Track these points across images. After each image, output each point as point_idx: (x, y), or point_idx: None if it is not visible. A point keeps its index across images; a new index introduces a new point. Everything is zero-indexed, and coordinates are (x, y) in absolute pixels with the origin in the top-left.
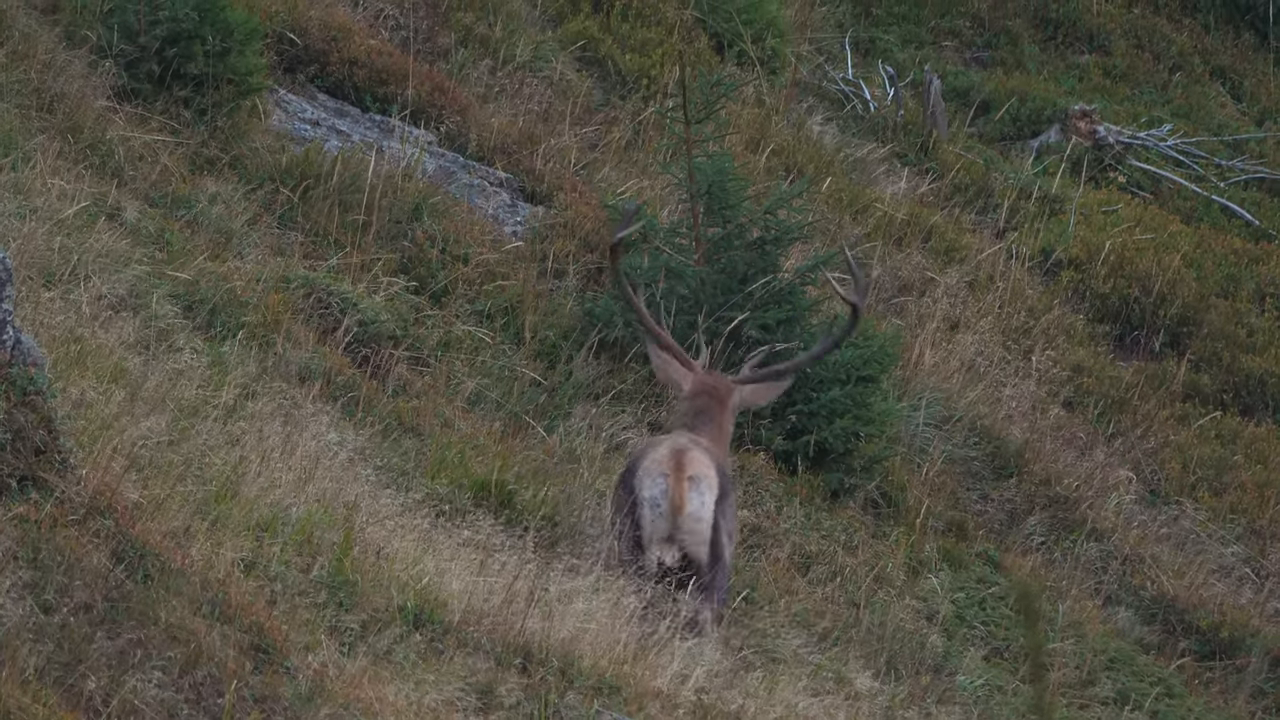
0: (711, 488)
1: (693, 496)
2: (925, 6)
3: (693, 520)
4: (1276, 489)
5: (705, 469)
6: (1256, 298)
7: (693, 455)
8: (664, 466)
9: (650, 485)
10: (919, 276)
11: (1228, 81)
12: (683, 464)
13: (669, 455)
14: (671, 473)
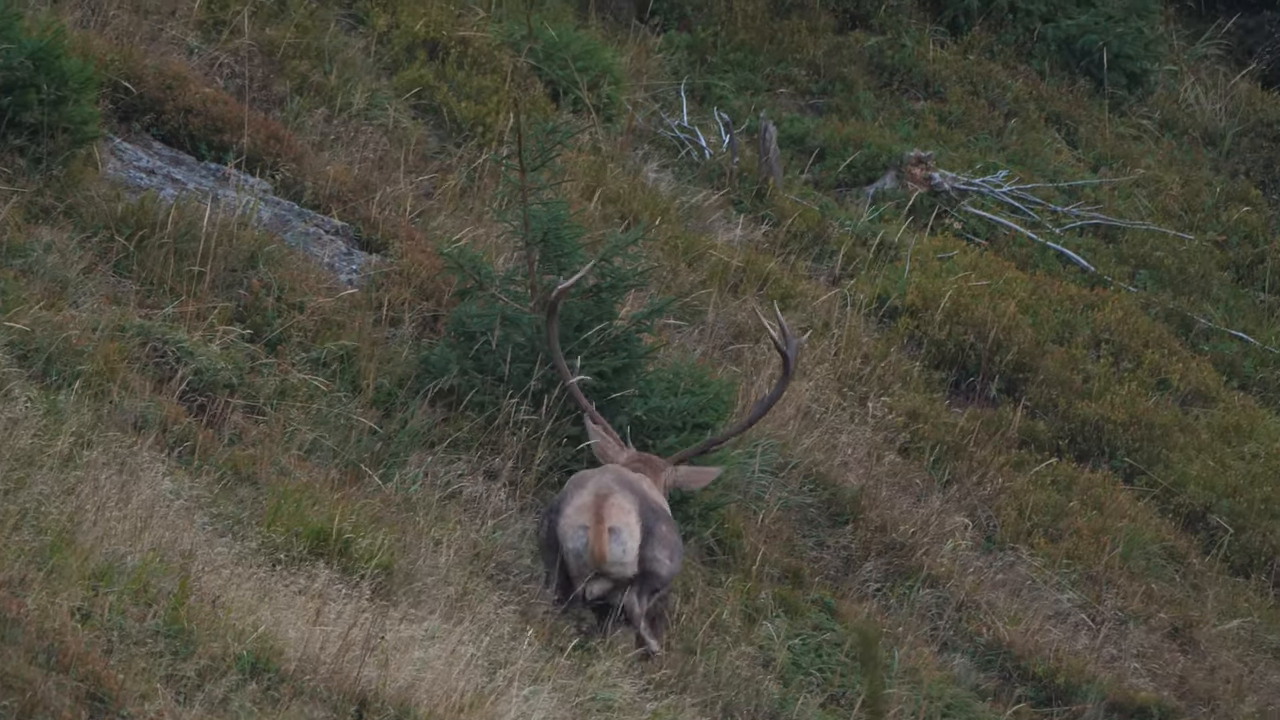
0: (633, 534)
1: (614, 547)
2: (760, 54)
3: (616, 566)
4: (1112, 535)
5: (625, 516)
6: (1092, 344)
7: (613, 502)
8: (584, 518)
9: (573, 538)
10: (754, 323)
11: (1063, 128)
12: (602, 514)
13: (591, 503)
14: (591, 525)
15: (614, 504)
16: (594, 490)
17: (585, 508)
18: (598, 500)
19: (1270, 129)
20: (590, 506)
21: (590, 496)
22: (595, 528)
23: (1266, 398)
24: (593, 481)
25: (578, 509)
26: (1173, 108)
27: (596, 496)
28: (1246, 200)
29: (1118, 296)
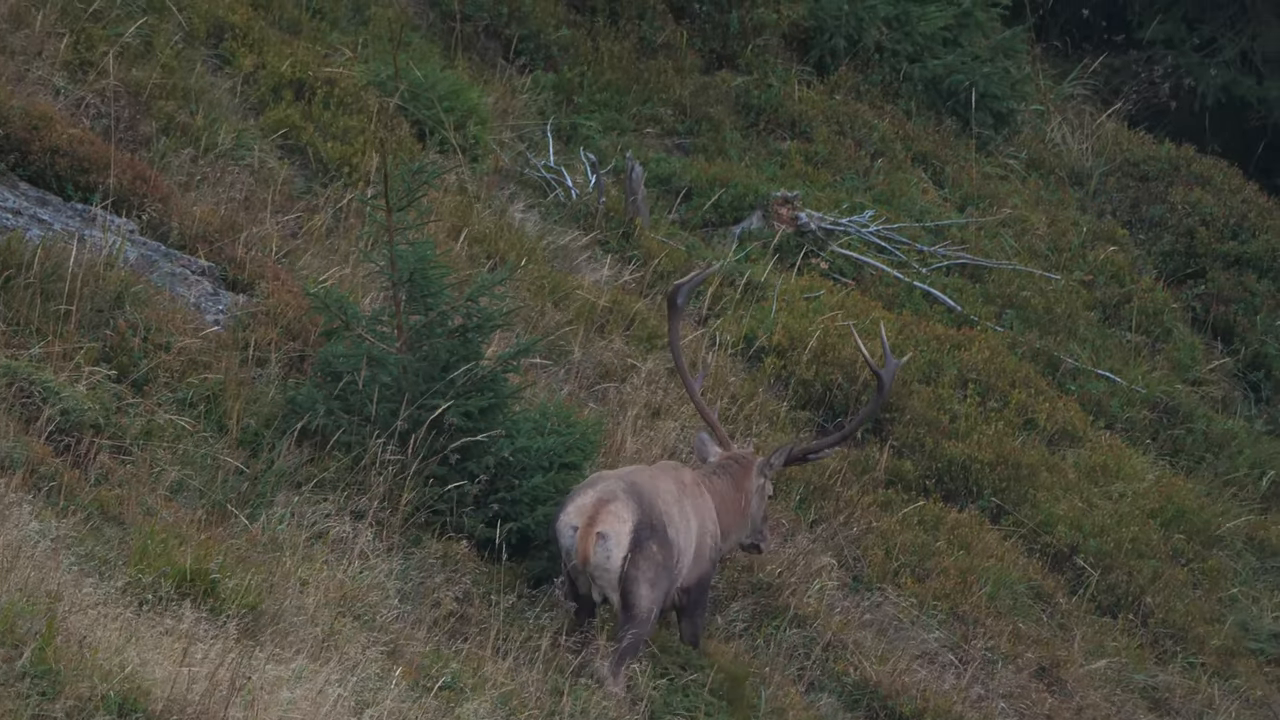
0: (620, 544)
1: (598, 550)
2: (627, 94)
3: (599, 570)
4: (979, 575)
5: (617, 524)
6: (958, 384)
7: (611, 509)
8: (577, 519)
9: (564, 535)
10: (621, 364)
11: (930, 167)
12: (595, 518)
13: (591, 505)
14: (581, 527)
15: (610, 510)
16: (598, 493)
17: (583, 509)
18: (597, 504)
19: (1137, 168)
20: (588, 509)
21: (592, 499)
22: (584, 530)
23: (1133, 437)
24: (603, 484)
25: (577, 508)
26: (1039, 147)
27: (598, 500)
28: (1113, 240)
29: (984, 336)
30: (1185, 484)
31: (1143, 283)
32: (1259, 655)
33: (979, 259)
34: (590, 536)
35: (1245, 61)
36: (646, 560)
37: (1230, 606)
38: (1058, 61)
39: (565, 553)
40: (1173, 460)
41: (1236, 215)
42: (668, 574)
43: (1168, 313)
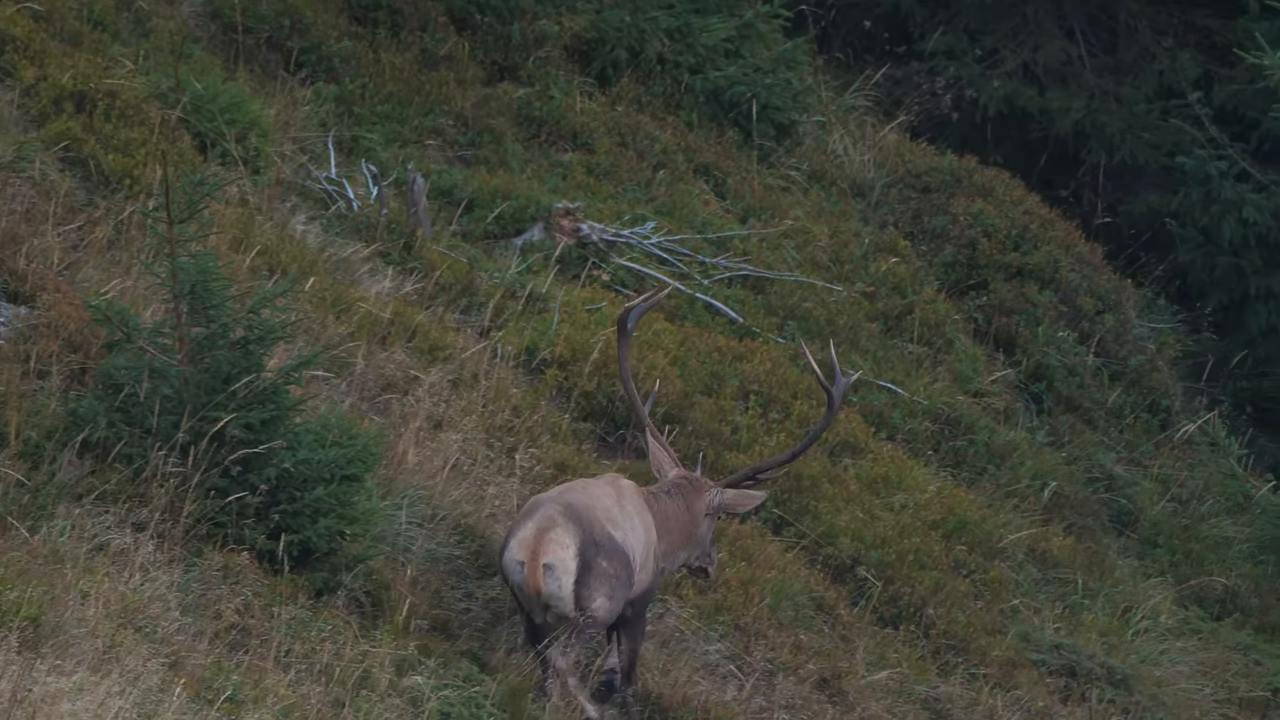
0: (568, 571)
1: (548, 581)
2: (409, 106)
3: (554, 599)
4: (761, 586)
5: (561, 552)
6: (740, 395)
7: (553, 537)
8: (522, 554)
9: (513, 572)
10: (403, 376)
11: (711, 179)
12: (538, 551)
13: (532, 536)
14: (527, 560)
15: (552, 539)
16: (537, 524)
17: (525, 542)
18: (538, 535)
19: (919, 180)
20: (530, 541)
21: (532, 530)
22: (530, 564)
23: (914, 449)
24: (540, 512)
25: (519, 543)
26: (821, 159)
27: (538, 531)
28: (895, 251)
29: (766, 348)
30: (967, 495)
31: (924, 294)
32: (1040, 666)
33: (761, 270)
34: (538, 570)
35: (1027, 73)
36: (598, 577)
37: (1012, 618)
38: (839, 73)
39: (517, 589)
40: (954, 472)
41: (1018, 227)
42: (624, 582)
43: (949, 324)
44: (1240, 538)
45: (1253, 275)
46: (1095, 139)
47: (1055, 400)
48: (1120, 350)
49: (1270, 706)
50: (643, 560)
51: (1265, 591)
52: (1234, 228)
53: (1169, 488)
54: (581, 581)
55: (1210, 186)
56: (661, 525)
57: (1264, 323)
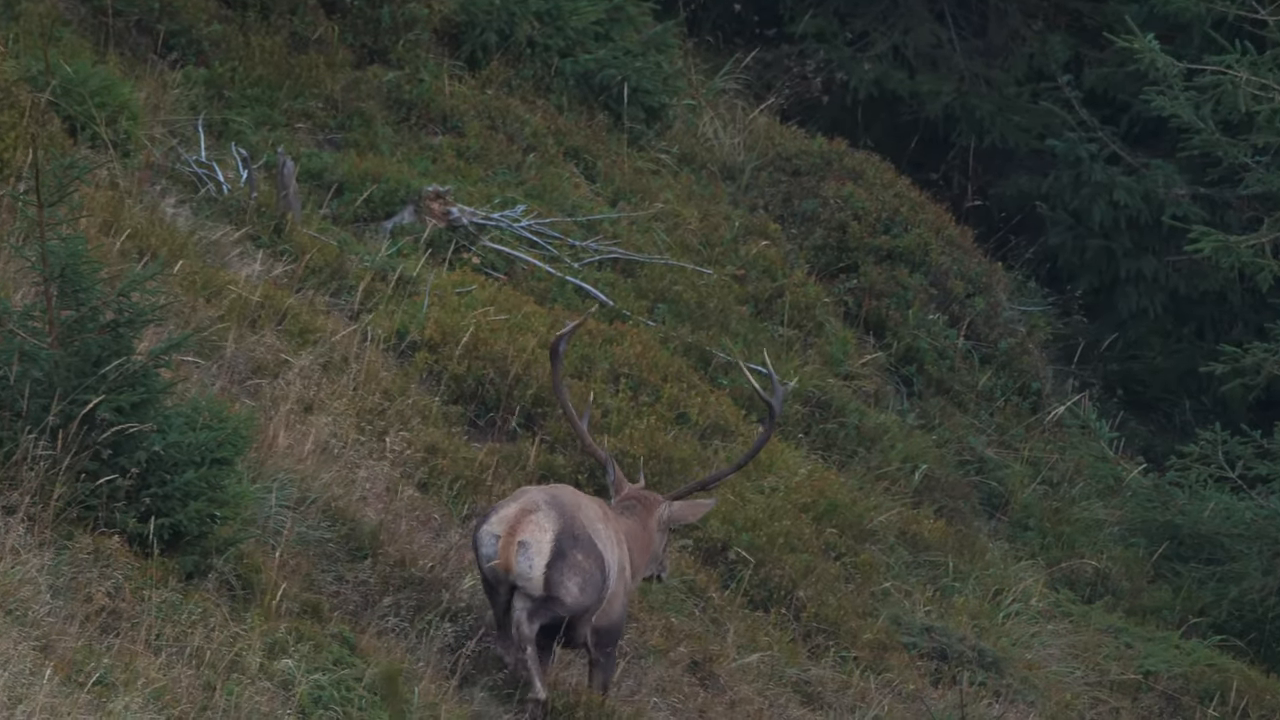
0: (541, 552)
1: (520, 560)
2: (279, 89)
3: (523, 579)
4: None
5: (538, 534)
6: (611, 378)
7: (533, 519)
8: (499, 528)
9: (485, 544)
10: (273, 359)
11: (581, 162)
12: (516, 528)
13: (514, 515)
14: (503, 536)
15: (532, 520)
16: (521, 505)
17: (506, 519)
18: (519, 514)
19: (789, 163)
20: (510, 519)
21: (515, 509)
22: (506, 539)
23: (785, 431)
24: (526, 497)
25: (500, 519)
26: (691, 142)
27: (520, 510)
28: (765, 234)
29: (636, 331)
30: (837, 478)
31: (795, 277)
32: (911, 649)
33: (631, 253)
34: (512, 545)
35: (897, 56)
36: (571, 567)
37: (883, 600)
38: (710, 56)
39: (485, 559)
40: (825, 454)
41: (889, 210)
42: (597, 584)
43: (820, 307)
44: (1111, 520)
45: (1123, 258)
46: (965, 122)
47: (926, 383)
48: (990, 333)
49: (1141, 689)
50: (615, 582)
51: (1136, 574)
52: (1104, 211)
53: (1040, 470)
54: (553, 566)
55: (1080, 169)
56: (631, 552)
57: (1134, 305)
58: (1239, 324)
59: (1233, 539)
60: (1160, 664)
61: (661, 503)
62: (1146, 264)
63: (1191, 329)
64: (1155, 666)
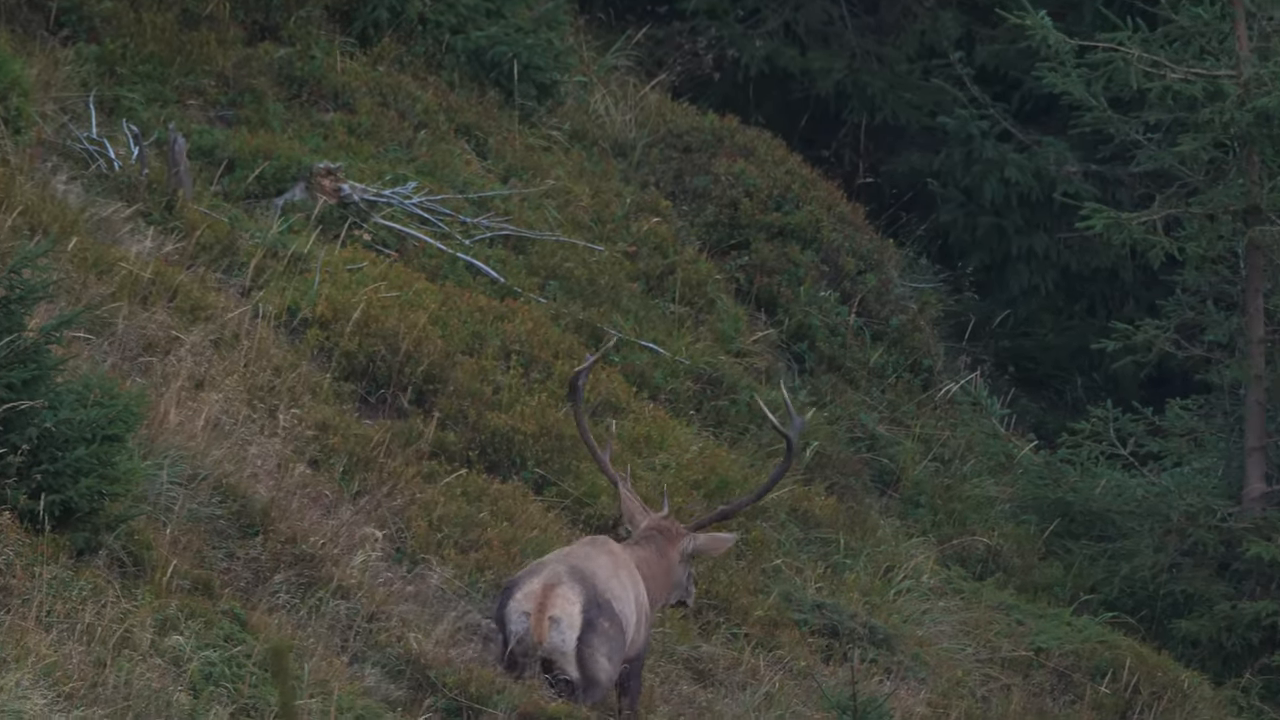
0: (573, 625)
1: (553, 635)
2: (170, 66)
3: (557, 654)
4: (523, 546)
5: (568, 607)
6: (502, 355)
7: (559, 593)
8: (528, 605)
9: (516, 622)
10: (164, 336)
11: (473, 139)
12: (545, 604)
13: (539, 591)
14: (534, 612)
15: (559, 594)
16: (544, 579)
17: (532, 594)
18: (545, 589)
19: (680, 140)
20: (537, 594)
21: (539, 584)
22: (537, 615)
23: (676, 408)
24: (547, 570)
25: (526, 595)
26: (583, 119)
27: (545, 585)
28: (656, 211)
29: (527, 308)
30: (729, 455)
31: (686, 254)
32: (802, 626)
33: (522, 230)
34: (544, 621)
35: (789, 33)
36: (600, 637)
37: (774, 577)
38: (601, 33)
39: (517, 639)
40: (716, 431)
41: (780, 187)
42: (620, 646)
43: (711, 284)
44: (1002, 497)
45: (1014, 235)
46: (857, 99)
47: (817, 360)
48: (882, 310)
49: (1032, 666)
50: (636, 623)
51: (1027, 551)
52: (995, 188)
53: (931, 447)
54: (584, 640)
55: (972, 146)
56: (647, 581)
57: (1025, 282)
58: (1130, 301)
59: (1124, 516)
60: (1051, 641)
61: (684, 536)
62: (1038, 241)
63: (1083, 306)
64: (1046, 643)
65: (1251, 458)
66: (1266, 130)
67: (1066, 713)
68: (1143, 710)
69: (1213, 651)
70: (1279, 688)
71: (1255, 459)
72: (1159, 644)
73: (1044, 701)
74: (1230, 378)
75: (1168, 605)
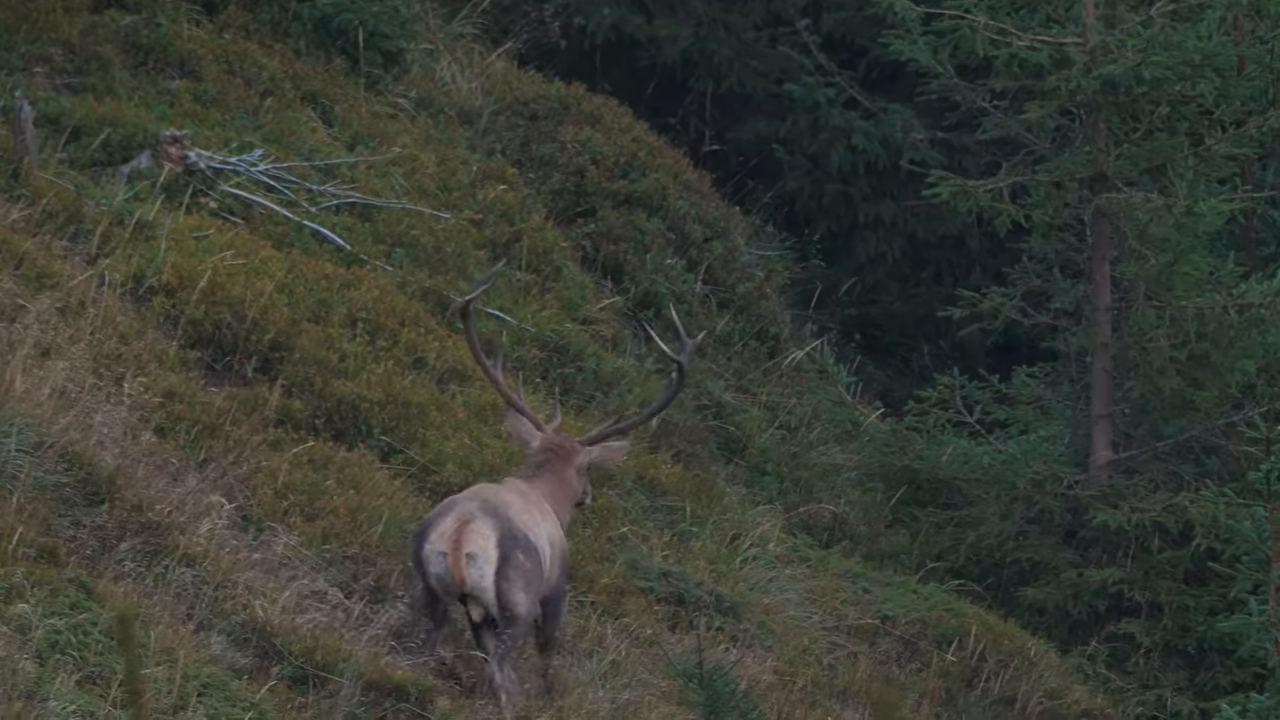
0: (489, 560)
1: (470, 572)
2: (16, 33)
3: (476, 590)
4: (369, 514)
5: (482, 542)
6: (348, 322)
7: (473, 529)
8: (443, 545)
9: (434, 563)
10: (10, 303)
11: (319, 107)
12: (460, 542)
13: (453, 530)
14: (450, 551)
15: (473, 530)
16: (456, 517)
17: (446, 534)
18: (458, 527)
19: (526, 107)
20: (450, 533)
21: (452, 523)
22: (453, 554)
23: (523, 376)
24: (458, 508)
25: (440, 535)
26: (429, 86)
27: (458, 523)
28: (503, 179)
29: (374, 275)
30: (575, 423)
31: (532, 221)
32: (649, 594)
33: (369, 198)
34: (460, 560)
35: (635, 0)
36: (516, 570)
37: (620, 545)
38: (447, 0)
39: (437, 579)
40: (563, 399)
41: (626, 154)
42: (538, 579)
43: (557, 251)
44: (849, 465)
45: (861, 203)
46: (703, 67)
47: (663, 328)
48: (728, 278)
49: (878, 634)
50: (551, 559)
51: (873, 519)
52: (842, 155)
53: (777, 415)
54: (501, 574)
55: (818, 114)
56: (556, 511)
57: (872, 250)
58: (977, 269)
59: (970, 484)
60: (898, 609)
61: (579, 451)
62: (884, 209)
63: (929, 274)
64: (893, 611)
65: (1098, 425)
66: (1112, 98)
67: (913, 680)
68: (989, 678)
69: (1059, 619)
70: (1125, 655)
71: (1101, 426)
72: (1005, 612)
73: (890, 669)
74: (1076, 345)
75: (1014, 573)
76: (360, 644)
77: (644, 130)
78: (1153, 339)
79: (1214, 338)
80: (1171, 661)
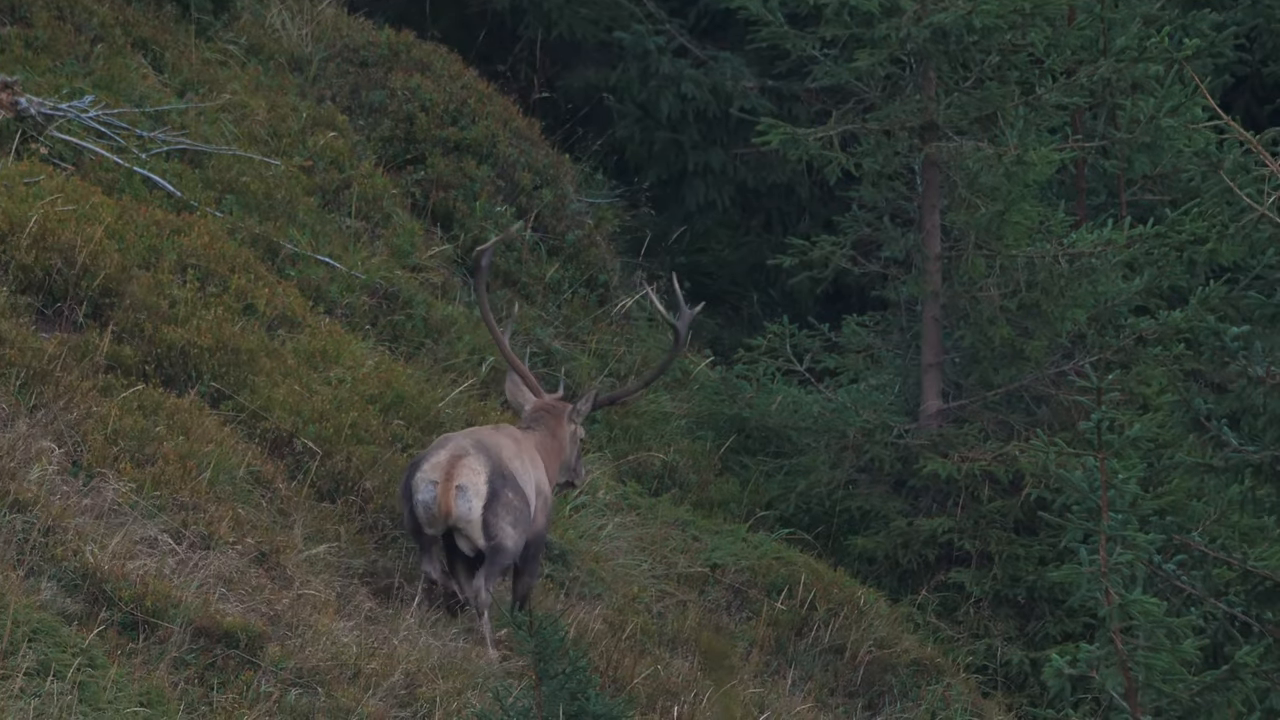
0: (479, 494)
1: (459, 503)
2: None
3: (463, 521)
4: (199, 461)
5: (473, 476)
6: (178, 269)
7: (465, 463)
8: (435, 474)
9: (423, 490)
10: None
11: (149, 53)
12: (452, 473)
13: (445, 461)
14: (440, 481)
15: (465, 464)
16: (451, 450)
17: (439, 465)
18: (452, 460)
19: (356, 54)
20: (444, 464)
21: (446, 455)
22: (444, 484)
23: (352, 323)
24: (453, 443)
25: (433, 465)
26: (259, 33)
27: (451, 456)
28: (333, 126)
29: (204, 221)
30: (404, 370)
31: (362, 168)
32: None
33: (199, 144)
34: (450, 490)
35: None
36: (504, 506)
37: None
38: None
39: (424, 507)
40: (392, 346)
41: (457, 101)
42: (525, 518)
43: (387, 198)
44: (679, 413)
45: (691, 151)
46: (533, 14)
47: (493, 275)
48: (558, 225)
49: (708, 582)
50: (536, 507)
51: (703, 467)
52: (672, 103)
53: (607, 363)
54: (489, 508)
55: (648, 62)
56: (545, 463)
57: (701, 198)
58: (807, 217)
59: (800, 432)
60: (727, 557)
61: (569, 410)
62: (714, 156)
63: (759, 222)
64: (722, 559)
65: (928, 374)
66: (943, 46)
67: (742, 629)
68: (819, 627)
69: (889, 568)
70: (955, 605)
71: (931, 375)
72: (835, 560)
73: (720, 617)
74: (907, 294)
75: (844, 522)
76: (190, 590)
77: (474, 77)
78: (983, 288)
79: (1044, 287)
80: (1001, 611)
